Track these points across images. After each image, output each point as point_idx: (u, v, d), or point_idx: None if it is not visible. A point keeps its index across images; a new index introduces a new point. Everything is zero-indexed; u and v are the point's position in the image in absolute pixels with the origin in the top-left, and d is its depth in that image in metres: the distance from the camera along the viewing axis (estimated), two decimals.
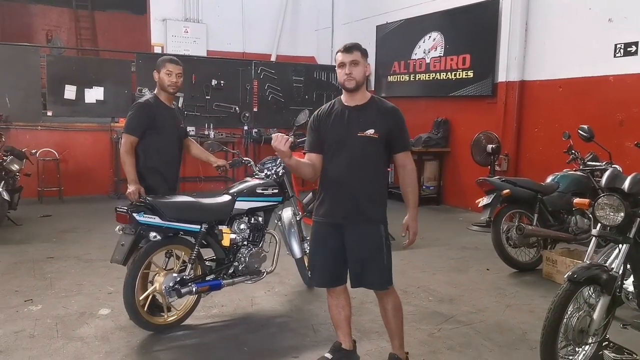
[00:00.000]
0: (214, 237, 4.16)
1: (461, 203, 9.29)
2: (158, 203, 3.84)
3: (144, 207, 3.81)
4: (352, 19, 12.12)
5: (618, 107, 6.90)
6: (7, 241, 6.55)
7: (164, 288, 3.90)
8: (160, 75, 4.21)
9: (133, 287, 3.80)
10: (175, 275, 3.95)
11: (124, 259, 3.80)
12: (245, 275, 4.36)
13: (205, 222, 4.06)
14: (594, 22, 7.14)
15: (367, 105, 3.23)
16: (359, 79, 3.17)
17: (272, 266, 4.61)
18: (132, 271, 3.82)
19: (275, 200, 4.58)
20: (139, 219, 3.76)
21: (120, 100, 9.87)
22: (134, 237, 3.81)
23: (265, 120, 10.92)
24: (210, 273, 4.21)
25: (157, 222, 3.82)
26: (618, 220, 3.26)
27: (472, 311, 4.62)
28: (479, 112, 8.87)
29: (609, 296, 3.17)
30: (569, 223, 5.88)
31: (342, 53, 3.21)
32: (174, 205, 3.97)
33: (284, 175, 4.67)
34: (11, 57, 9.23)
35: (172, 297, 3.93)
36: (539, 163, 7.87)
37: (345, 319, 3.46)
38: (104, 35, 15.76)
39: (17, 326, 4.07)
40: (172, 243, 4.03)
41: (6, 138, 8.38)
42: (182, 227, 3.97)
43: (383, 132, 3.16)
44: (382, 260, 3.25)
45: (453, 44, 9.30)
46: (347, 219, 3.23)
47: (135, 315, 3.87)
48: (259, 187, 4.45)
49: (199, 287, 4.02)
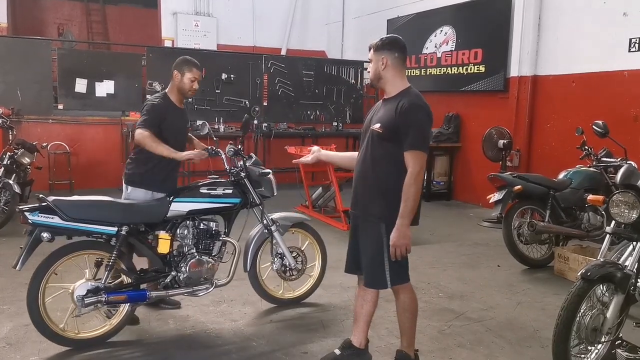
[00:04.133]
0: (144, 243, 3.79)
1: (472, 199, 9.23)
2: (57, 201, 3.47)
3: (40, 206, 3.47)
4: (363, 12, 12.06)
5: (633, 102, 6.81)
6: (18, 234, 6.49)
7: (76, 297, 3.52)
8: (183, 79, 4.14)
9: (36, 300, 3.47)
10: (91, 283, 3.57)
11: (16, 263, 3.47)
12: (187, 287, 3.89)
13: (126, 224, 3.62)
14: (609, 16, 7.04)
15: (391, 99, 3.18)
16: (371, 77, 3.26)
17: (227, 278, 4.04)
18: (34, 280, 3.48)
19: (229, 202, 4.00)
20: (32, 218, 3.42)
21: (131, 94, 9.90)
22: (31, 238, 3.47)
23: (276, 114, 10.89)
24: (142, 282, 3.79)
25: (55, 222, 3.46)
26: (633, 218, 3.22)
27: (483, 308, 4.58)
28: (491, 107, 8.79)
29: (622, 294, 3.13)
30: (581, 220, 5.82)
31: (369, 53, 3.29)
32: (77, 203, 3.58)
33: (245, 178, 4.06)
34: (23, 50, 9.26)
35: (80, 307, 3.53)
36: (551, 159, 7.79)
37: (365, 314, 3.38)
38: (115, 29, 15.80)
39: (27, 319, 4.03)
40: (84, 248, 3.64)
41: (17, 131, 8.42)
42: (89, 228, 3.56)
43: (389, 127, 3.07)
44: (377, 259, 3.14)
45: (465, 39, 9.22)
46: (357, 211, 3.30)
47: (46, 330, 3.54)
48: (204, 187, 3.94)
49: (110, 297, 3.58)
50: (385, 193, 3.11)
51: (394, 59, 3.17)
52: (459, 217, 8.38)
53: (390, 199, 3.08)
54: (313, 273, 4.63)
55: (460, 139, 9.44)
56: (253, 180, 4.11)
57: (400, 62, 3.20)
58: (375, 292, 3.35)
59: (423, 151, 3.04)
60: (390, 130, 3.07)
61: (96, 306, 3.59)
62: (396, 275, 3.18)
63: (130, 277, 3.76)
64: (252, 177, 4.10)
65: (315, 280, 4.62)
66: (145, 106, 4.10)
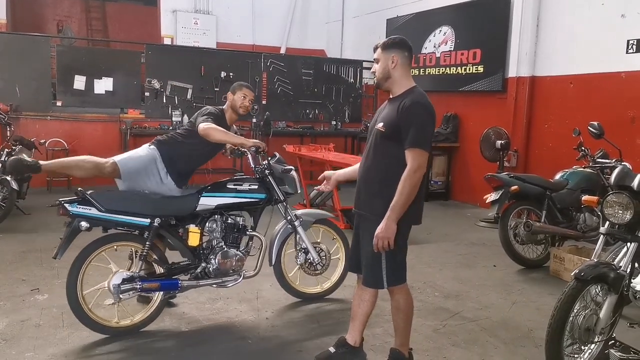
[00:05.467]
0: (175, 236, 3.94)
1: (469, 199, 9.25)
2: (93, 194, 3.67)
3: (79, 198, 3.65)
4: (362, 12, 12.08)
5: (630, 104, 6.83)
6: (15, 230, 6.59)
7: (112, 285, 3.67)
8: (235, 97, 4.42)
9: (75, 289, 3.62)
10: (126, 273, 3.73)
11: (57, 253, 3.62)
12: (216, 277, 4.04)
13: (158, 217, 3.79)
14: (607, 17, 7.05)
15: (396, 98, 3.17)
16: (378, 77, 3.22)
17: (255, 270, 4.20)
18: (74, 270, 3.65)
19: (255, 197, 4.14)
20: (71, 209, 3.60)
21: (130, 91, 9.91)
22: (70, 229, 3.64)
23: (274, 112, 10.88)
24: (175, 273, 3.95)
25: (92, 213, 3.64)
26: (627, 219, 3.23)
27: (478, 307, 4.60)
28: (489, 107, 8.81)
29: (616, 295, 3.14)
30: (577, 220, 5.84)
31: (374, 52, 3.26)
32: (113, 195, 3.81)
33: (269, 175, 4.19)
34: (22, 47, 9.26)
35: (117, 296, 3.68)
36: (549, 159, 7.81)
37: (362, 314, 3.38)
38: (115, 26, 15.80)
39: (23, 315, 4.10)
40: (119, 240, 3.81)
41: (16, 128, 8.43)
42: (125, 219, 3.73)
43: (392, 126, 3.07)
44: (375, 258, 3.12)
45: (463, 39, 9.23)
46: (359, 210, 3.29)
47: (83, 318, 3.69)
48: (231, 182, 4.11)
49: (145, 284, 3.74)
50: (386, 191, 3.07)
51: (404, 57, 3.15)
52: (456, 216, 8.40)
53: (391, 197, 3.05)
54: (337, 269, 4.72)
55: (459, 139, 9.45)
56: (277, 177, 4.24)
57: (408, 61, 3.19)
58: (373, 292, 3.35)
59: (423, 149, 3.00)
60: (393, 129, 3.07)
61: (131, 293, 3.74)
62: (393, 276, 3.17)
63: (162, 267, 3.93)
64: (275, 175, 4.24)
65: (339, 276, 4.70)
66: (204, 109, 4.33)
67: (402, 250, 3.19)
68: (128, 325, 3.85)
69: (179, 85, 10.00)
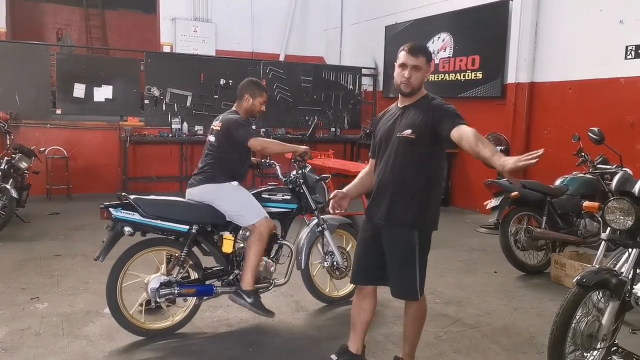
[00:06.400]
0: (211, 242, 4.04)
1: (469, 204, 9.24)
2: (137, 199, 3.75)
3: (122, 203, 3.74)
4: (361, 19, 12.11)
5: (629, 109, 6.83)
6: (15, 238, 6.58)
7: (150, 289, 3.78)
8: (255, 102, 4.30)
9: (114, 291, 3.71)
10: (164, 277, 3.84)
11: (99, 255, 3.72)
12: None
13: (196, 224, 3.90)
14: (605, 23, 7.07)
15: (415, 104, 3.10)
16: (415, 85, 3.08)
17: (285, 278, 4.33)
18: (114, 272, 3.73)
19: (288, 207, 4.29)
20: (115, 214, 3.69)
21: (129, 99, 9.93)
22: (113, 233, 3.73)
23: (274, 120, 10.91)
24: (209, 279, 4.06)
25: (135, 218, 3.73)
26: (628, 224, 3.22)
27: (480, 314, 4.58)
28: (488, 113, 8.81)
29: (618, 301, 3.12)
30: (578, 226, 5.83)
31: (406, 54, 3.09)
32: (156, 202, 3.86)
33: (303, 185, 4.29)
34: (22, 55, 9.28)
35: (155, 299, 3.78)
36: (548, 165, 7.77)
37: (363, 323, 3.36)
38: (114, 33, 15.82)
39: (23, 324, 4.08)
40: (158, 245, 3.92)
41: (15, 136, 8.43)
42: (165, 225, 3.83)
43: (423, 131, 2.99)
44: (408, 268, 3.07)
45: (462, 45, 9.26)
46: (384, 220, 3.16)
47: (122, 319, 3.79)
48: (265, 192, 4.24)
49: (182, 290, 3.85)
50: (417, 199, 3.05)
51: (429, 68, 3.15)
52: (456, 222, 8.39)
53: (422, 205, 3.06)
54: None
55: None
56: (309, 186, 4.34)
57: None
58: (373, 302, 3.34)
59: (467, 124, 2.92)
60: (425, 132, 2.99)
61: (168, 298, 3.82)
62: (422, 285, 3.15)
63: (198, 272, 4.01)
64: (309, 184, 4.33)
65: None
66: (236, 121, 4.17)
67: (426, 259, 3.19)
68: (159, 328, 3.95)
69: (178, 93, 10.01)
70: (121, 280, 3.75)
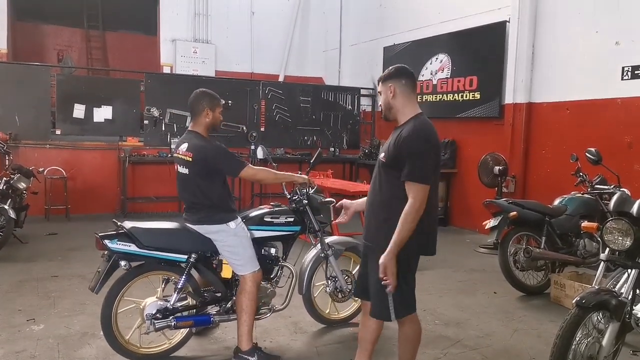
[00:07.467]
0: (209, 268, 3.91)
1: (468, 224, 9.22)
2: (134, 229, 3.63)
3: (118, 234, 3.61)
4: (359, 40, 12.22)
5: (626, 129, 6.86)
6: (12, 259, 6.55)
7: (146, 315, 3.69)
8: (215, 115, 3.89)
9: (109, 319, 3.62)
10: (160, 302, 3.73)
11: (94, 286, 3.61)
12: None
13: (194, 252, 3.77)
14: (601, 45, 7.14)
15: (398, 128, 3.13)
16: (384, 110, 3.20)
17: (284, 303, 4.22)
18: (108, 300, 3.63)
19: (290, 230, 4.17)
20: (111, 246, 3.56)
21: (129, 120, 9.96)
22: (109, 264, 3.60)
23: (273, 140, 10.92)
24: (207, 304, 3.95)
25: (132, 250, 3.60)
26: (627, 245, 3.21)
27: (479, 335, 4.55)
28: (486, 133, 8.85)
29: (618, 322, 3.10)
30: (577, 246, 5.82)
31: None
32: (153, 232, 3.75)
33: (307, 206, 4.19)
34: (23, 76, 9.33)
35: (151, 327, 3.68)
36: (547, 185, 7.81)
37: (367, 341, 3.33)
38: (115, 55, 15.91)
39: (19, 346, 4.04)
40: (155, 269, 3.82)
41: (15, 156, 8.44)
42: (163, 256, 3.70)
43: (391, 156, 3.04)
44: (382, 291, 3.01)
45: (460, 66, 9.33)
46: (364, 238, 3.27)
47: (118, 346, 3.69)
48: (267, 215, 4.09)
49: (179, 322, 3.76)
50: (390, 222, 2.99)
51: (402, 85, 3.10)
52: (455, 242, 8.36)
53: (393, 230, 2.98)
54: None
55: (457, 164, 9.48)
56: (314, 207, 4.25)
57: (409, 88, 3.12)
58: (378, 321, 3.29)
59: (421, 183, 2.92)
60: (392, 159, 3.02)
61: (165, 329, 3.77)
62: (401, 307, 3.09)
63: (196, 299, 3.91)
64: (313, 205, 4.24)
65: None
66: (218, 151, 3.78)
67: (408, 282, 3.12)
68: (152, 353, 3.88)
69: (177, 113, 10.03)
70: (116, 307, 3.66)
